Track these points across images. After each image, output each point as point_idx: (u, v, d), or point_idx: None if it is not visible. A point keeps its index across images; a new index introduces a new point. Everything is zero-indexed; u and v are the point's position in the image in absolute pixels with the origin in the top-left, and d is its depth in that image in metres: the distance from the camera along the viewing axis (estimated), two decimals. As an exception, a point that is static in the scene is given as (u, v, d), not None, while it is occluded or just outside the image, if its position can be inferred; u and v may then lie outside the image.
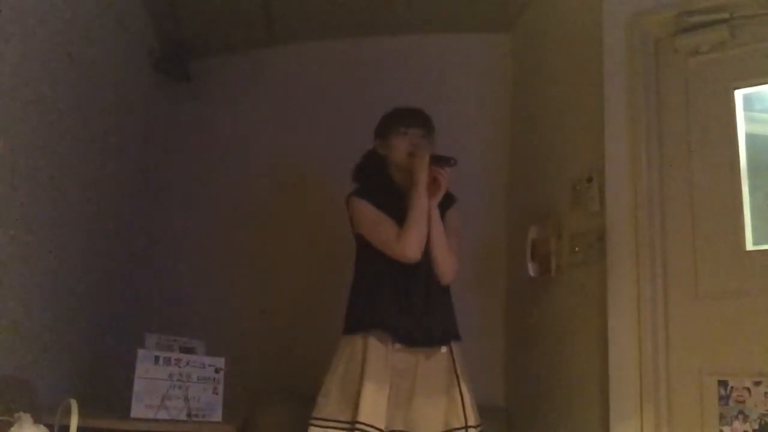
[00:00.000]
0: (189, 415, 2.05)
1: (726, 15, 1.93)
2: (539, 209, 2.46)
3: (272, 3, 2.93)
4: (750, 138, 1.92)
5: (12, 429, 1.36)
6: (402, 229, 1.89)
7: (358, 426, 1.75)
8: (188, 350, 2.20)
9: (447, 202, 2.02)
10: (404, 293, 1.89)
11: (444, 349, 1.90)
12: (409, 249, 1.87)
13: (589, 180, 2.14)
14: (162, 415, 2.03)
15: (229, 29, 3.11)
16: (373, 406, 1.77)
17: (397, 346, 1.86)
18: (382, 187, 2.02)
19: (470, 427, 1.81)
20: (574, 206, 2.23)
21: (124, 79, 2.82)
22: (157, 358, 2.08)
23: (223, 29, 3.11)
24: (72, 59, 2.28)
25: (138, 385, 2.02)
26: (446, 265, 1.94)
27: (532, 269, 2.36)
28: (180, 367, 2.10)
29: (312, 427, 1.82)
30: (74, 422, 1.38)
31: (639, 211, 1.99)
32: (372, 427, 1.75)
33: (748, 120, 1.94)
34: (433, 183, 1.92)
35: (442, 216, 1.98)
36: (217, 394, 2.13)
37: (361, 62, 3.14)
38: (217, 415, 2.11)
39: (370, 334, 1.85)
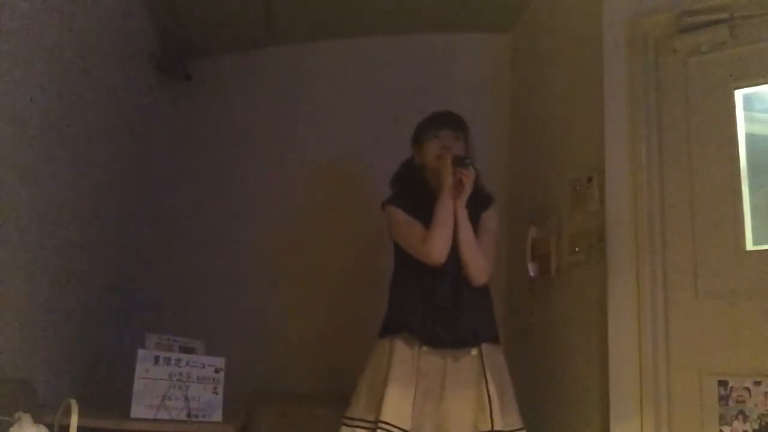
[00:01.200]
0: (189, 415, 2.05)
1: (726, 15, 1.93)
2: (539, 209, 2.46)
3: (272, 3, 2.93)
4: (750, 138, 1.92)
5: (12, 429, 1.36)
6: (427, 232, 1.91)
7: (381, 425, 1.77)
8: (188, 350, 2.20)
9: (484, 203, 2.05)
10: (431, 296, 1.91)
11: (474, 352, 1.90)
12: (434, 251, 1.89)
13: (589, 180, 2.14)
14: (162, 415, 2.02)
15: (229, 29, 3.11)
16: (396, 405, 1.80)
17: (424, 348, 1.87)
18: (417, 192, 2.04)
19: (497, 431, 1.80)
20: (574, 206, 2.23)
21: (125, 79, 2.82)
22: (157, 358, 2.08)
23: (223, 29, 3.11)
24: (72, 59, 2.28)
25: (138, 385, 2.02)
26: (476, 267, 1.93)
27: (532, 269, 2.37)
28: (180, 367, 2.09)
29: (342, 426, 1.88)
30: (74, 422, 1.38)
31: (639, 211, 1.99)
32: (395, 426, 1.77)
33: (748, 120, 1.94)
34: (459, 184, 1.93)
35: (478, 217, 1.99)
36: (217, 394, 2.13)
37: (361, 62, 3.14)
38: (217, 415, 2.11)
39: (397, 337, 1.89)
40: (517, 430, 1.88)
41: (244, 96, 3.22)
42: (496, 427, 1.80)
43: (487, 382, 1.86)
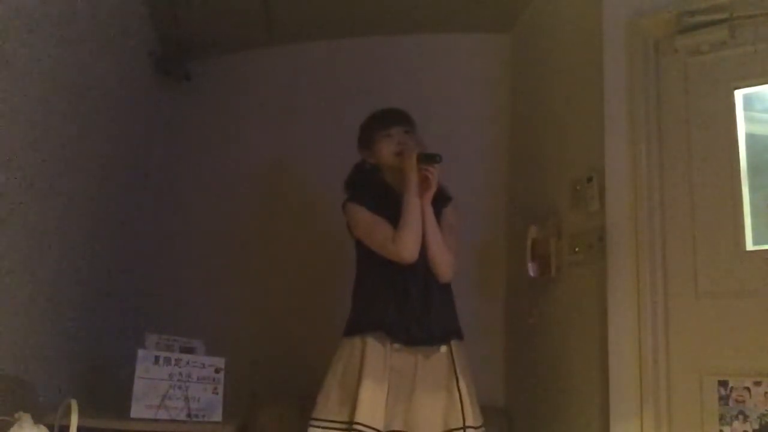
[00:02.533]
0: (189, 415, 2.05)
1: (726, 15, 1.93)
2: (539, 209, 2.46)
3: (272, 3, 2.93)
4: (750, 138, 1.92)
5: (12, 429, 1.35)
6: (396, 231, 1.89)
7: (355, 426, 1.75)
8: (188, 350, 2.20)
9: (443, 200, 2.02)
10: (402, 293, 1.89)
11: (443, 349, 1.89)
12: (405, 250, 1.87)
13: (589, 180, 2.14)
14: (162, 415, 2.03)
15: (229, 29, 3.11)
16: (370, 406, 1.77)
17: (396, 346, 1.86)
18: (377, 190, 2.02)
19: (468, 427, 1.80)
20: (574, 206, 2.23)
21: (124, 79, 2.82)
22: (157, 358, 2.08)
23: (223, 29, 3.11)
24: (72, 59, 2.28)
25: (138, 385, 2.02)
26: (443, 264, 1.93)
27: (532, 269, 2.36)
28: (180, 367, 2.10)
29: (311, 428, 1.83)
30: (74, 422, 1.38)
31: (639, 211, 1.99)
32: (369, 427, 1.75)
33: (748, 120, 1.94)
34: (424, 182, 1.92)
35: (439, 213, 1.98)
36: (217, 394, 2.13)
37: (361, 62, 3.14)
38: (217, 415, 2.11)
39: (369, 335, 1.86)
40: (479, 427, 1.87)
41: (244, 96, 3.22)
42: (467, 423, 1.80)
43: (458, 379, 1.86)
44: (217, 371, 2.15)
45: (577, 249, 2.19)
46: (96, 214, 2.60)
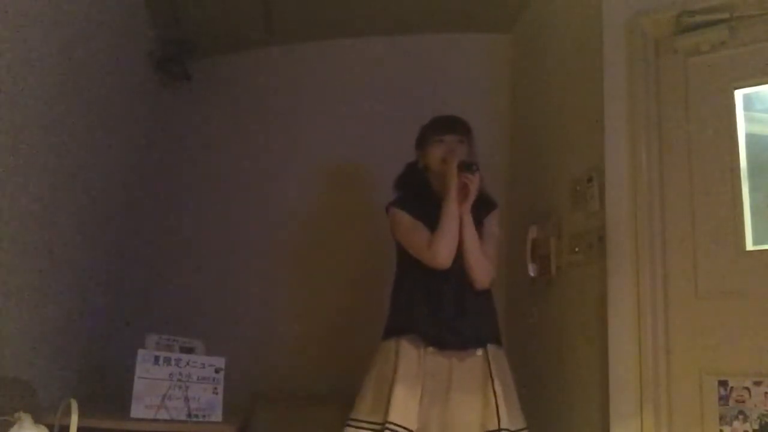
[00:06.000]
0: (189, 415, 2.05)
1: (726, 15, 1.94)
2: (539, 209, 2.46)
3: (272, 3, 2.93)
4: (750, 138, 1.92)
5: (12, 429, 1.36)
6: (433, 237, 1.92)
7: (388, 426, 1.78)
8: (188, 350, 2.20)
9: (487, 208, 2.06)
10: (436, 298, 1.92)
11: (479, 352, 1.91)
12: (440, 255, 1.91)
13: (589, 180, 2.14)
14: (162, 415, 2.02)
15: (229, 29, 3.11)
16: (403, 407, 1.80)
17: (430, 349, 1.88)
18: (421, 195, 2.06)
19: (503, 429, 1.80)
20: (574, 206, 2.23)
21: (125, 79, 2.82)
22: (157, 358, 2.08)
23: (223, 29, 3.11)
24: (72, 59, 2.28)
25: (138, 385, 2.02)
26: (479, 271, 1.95)
27: (532, 269, 2.37)
28: (180, 367, 2.10)
29: (347, 428, 1.87)
30: (74, 422, 1.38)
31: (639, 211, 1.99)
32: (401, 427, 1.78)
33: (748, 120, 1.94)
34: (464, 189, 1.95)
35: (481, 221, 2.01)
36: (217, 394, 2.13)
37: (361, 62, 3.14)
38: (217, 415, 2.11)
39: (403, 338, 1.90)
40: (521, 430, 1.88)
41: (244, 96, 3.22)
42: (502, 425, 1.80)
43: (493, 381, 1.87)
44: (217, 371, 2.15)
45: (577, 249, 2.19)
46: (95, 214, 2.60)
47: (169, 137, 3.23)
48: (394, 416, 1.79)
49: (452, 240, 1.92)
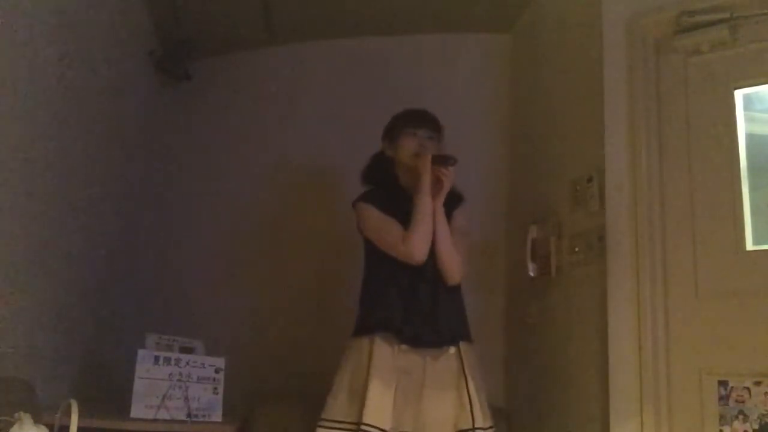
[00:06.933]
0: (189, 415, 2.05)
1: (726, 15, 1.94)
2: (539, 209, 2.46)
3: (272, 3, 2.93)
4: (750, 138, 1.92)
5: (12, 429, 1.35)
6: (407, 231, 1.89)
7: (363, 427, 1.74)
8: (188, 350, 2.20)
9: (454, 202, 2.02)
10: (411, 294, 1.88)
11: (452, 350, 1.89)
12: (415, 250, 1.87)
13: (589, 180, 2.14)
14: (162, 415, 2.02)
15: (229, 29, 3.11)
16: (378, 407, 1.77)
17: (404, 347, 1.85)
18: (389, 189, 2.02)
19: (478, 428, 1.79)
20: (574, 206, 2.23)
21: (125, 79, 2.82)
22: (157, 358, 2.08)
23: (223, 29, 3.11)
24: (72, 59, 2.28)
25: (138, 385, 2.02)
26: (452, 266, 1.92)
27: (532, 269, 2.37)
28: (180, 367, 2.10)
29: (319, 428, 1.83)
30: (74, 422, 1.38)
31: (639, 211, 1.99)
32: (376, 428, 1.74)
33: (748, 120, 1.94)
34: (437, 183, 1.92)
35: (449, 216, 1.97)
36: (217, 394, 2.13)
37: (361, 62, 3.14)
38: (217, 415, 2.11)
39: (376, 336, 1.85)
40: (490, 428, 1.86)
41: (244, 96, 3.22)
42: (477, 425, 1.79)
43: (467, 380, 1.85)
44: (217, 371, 2.15)
45: (577, 249, 2.19)
46: (95, 214, 2.60)
47: (169, 137, 3.23)
48: (368, 417, 1.75)
49: (427, 235, 1.88)
